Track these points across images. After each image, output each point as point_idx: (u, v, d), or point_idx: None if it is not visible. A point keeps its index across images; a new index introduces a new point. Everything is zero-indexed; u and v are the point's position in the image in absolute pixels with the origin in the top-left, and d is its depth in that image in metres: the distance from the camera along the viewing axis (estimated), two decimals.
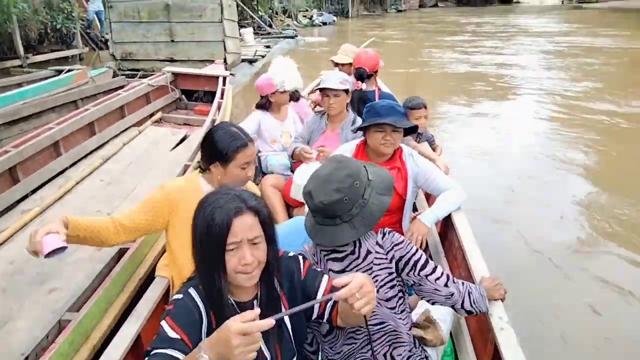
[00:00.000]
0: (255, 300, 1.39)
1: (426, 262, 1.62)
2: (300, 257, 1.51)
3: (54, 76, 6.96)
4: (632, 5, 38.44)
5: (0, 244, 2.90)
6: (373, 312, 1.51)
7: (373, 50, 3.79)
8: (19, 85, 6.60)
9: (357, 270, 1.58)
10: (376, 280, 1.58)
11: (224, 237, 1.23)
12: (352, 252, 1.61)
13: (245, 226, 1.24)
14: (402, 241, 1.63)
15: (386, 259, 1.60)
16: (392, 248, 1.61)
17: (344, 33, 21.67)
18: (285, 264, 1.46)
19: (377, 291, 1.57)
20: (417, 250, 1.63)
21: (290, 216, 3.08)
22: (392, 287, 1.60)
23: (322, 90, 3.10)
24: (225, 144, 1.91)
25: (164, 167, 4.20)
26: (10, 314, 2.33)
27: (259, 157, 3.59)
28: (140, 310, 1.82)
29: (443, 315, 1.90)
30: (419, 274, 1.59)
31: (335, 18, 27.38)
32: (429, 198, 3.09)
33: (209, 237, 1.24)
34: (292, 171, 3.35)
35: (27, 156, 3.63)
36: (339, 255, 1.62)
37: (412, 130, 2.48)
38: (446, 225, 2.63)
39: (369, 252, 1.60)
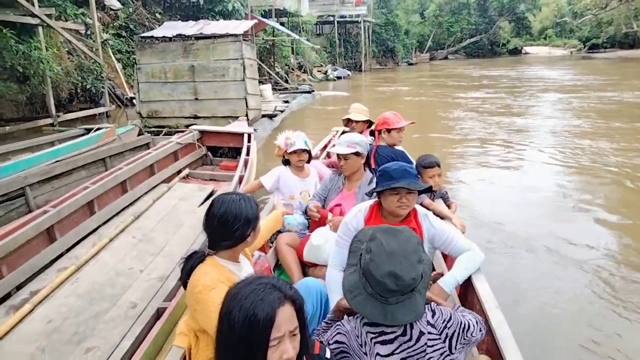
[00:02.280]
0: None
1: (473, 326, 1.61)
2: None
3: (84, 134, 7.28)
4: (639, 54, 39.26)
5: (37, 303, 2.97)
6: None
7: (391, 112, 3.80)
8: (51, 144, 6.88)
9: (407, 354, 1.51)
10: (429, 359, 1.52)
11: (268, 333, 1.14)
12: (404, 334, 1.52)
13: (287, 318, 1.17)
14: (451, 316, 1.57)
15: (440, 339, 1.54)
16: (445, 327, 1.55)
17: (358, 88, 22.24)
18: None
19: None
20: (462, 318, 1.59)
21: (305, 275, 3.02)
22: None
23: None
24: (253, 209, 1.87)
25: (192, 224, 4.31)
26: None
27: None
28: None
29: None
30: (468, 341, 1.58)
31: (349, 72, 28.24)
32: (446, 257, 3.07)
33: (251, 334, 1.14)
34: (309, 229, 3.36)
35: (64, 215, 3.77)
36: (388, 338, 1.52)
37: (426, 190, 2.49)
38: (465, 287, 2.55)
39: (421, 334, 1.52)
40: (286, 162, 3.63)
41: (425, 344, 1.52)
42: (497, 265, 4.21)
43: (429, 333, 1.53)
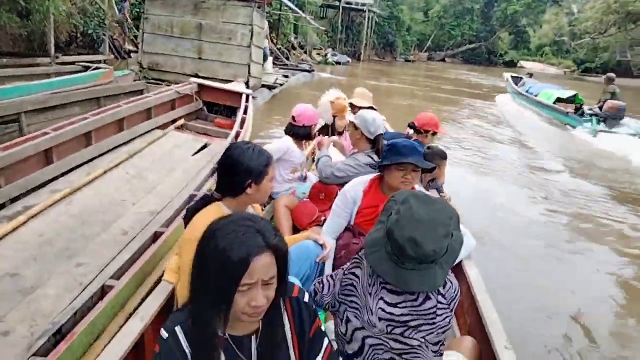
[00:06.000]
0: (254, 336, 1.28)
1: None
2: (313, 310, 1.39)
3: (81, 71, 7.17)
4: (630, 83, 40.37)
5: (31, 217, 2.99)
6: (417, 355, 1.54)
7: (432, 114, 3.87)
8: (47, 76, 6.77)
9: (410, 310, 1.53)
10: (434, 324, 1.54)
11: (239, 277, 1.10)
12: (412, 292, 1.53)
13: (263, 267, 1.12)
14: (457, 286, 1.62)
15: (448, 307, 1.57)
16: (455, 298, 1.59)
17: (356, 76, 22.22)
18: (302, 309, 1.35)
19: (429, 334, 1.55)
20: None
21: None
22: (444, 332, 1.58)
23: None
24: (258, 161, 1.85)
25: (185, 169, 4.35)
26: (39, 282, 2.41)
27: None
28: (142, 312, 1.82)
29: None
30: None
31: (349, 59, 28.22)
32: None
33: (221, 274, 1.11)
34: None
35: (62, 141, 3.78)
36: (396, 289, 1.53)
37: (428, 171, 2.52)
38: (455, 271, 2.57)
39: (427, 298, 1.54)
40: (296, 134, 3.45)
41: (435, 312, 1.53)
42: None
43: (439, 302, 1.54)
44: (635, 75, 46.94)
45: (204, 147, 5.16)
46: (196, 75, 9.24)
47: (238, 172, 1.83)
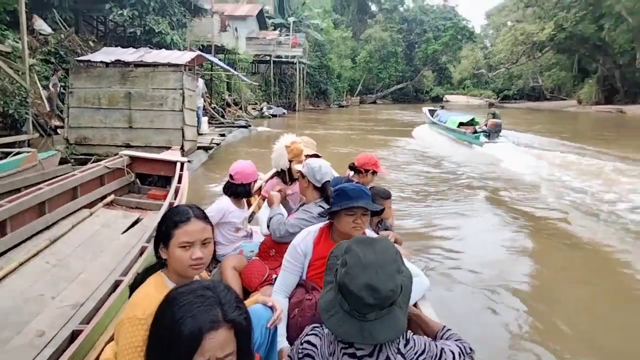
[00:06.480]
0: None
1: (456, 357, 1.57)
2: None
3: (1, 158, 6.70)
4: (544, 106, 44.71)
5: None
6: None
7: (371, 154, 3.93)
8: None
9: None
10: None
11: (190, 355, 1.01)
12: (371, 355, 1.43)
13: (217, 344, 1.02)
14: (425, 348, 1.52)
15: None
16: (419, 357, 1.49)
17: (293, 127, 22.59)
18: None
19: None
20: (441, 352, 1.55)
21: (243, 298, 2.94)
22: None
23: None
24: (167, 221, 1.70)
25: (114, 250, 4.06)
26: None
27: (215, 243, 3.45)
28: None
29: None
30: None
31: (285, 111, 28.74)
32: None
33: (170, 352, 1.02)
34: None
35: None
36: (358, 353, 1.44)
37: (377, 214, 2.48)
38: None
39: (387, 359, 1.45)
40: (234, 193, 3.35)
41: None
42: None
43: None
44: (548, 98, 51.53)
45: (136, 222, 4.89)
46: (128, 146, 8.95)
47: (157, 232, 1.73)
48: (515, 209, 7.37)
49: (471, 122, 14.68)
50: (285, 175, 3.91)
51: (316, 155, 3.98)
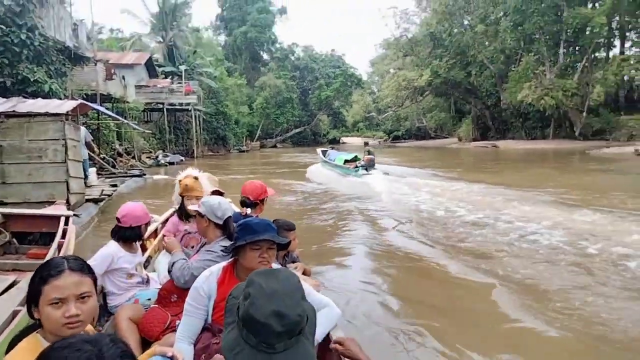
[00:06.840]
0: None
1: None
2: None
3: None
4: (429, 144, 49.37)
5: None
6: None
7: (259, 181, 3.92)
8: None
9: None
10: None
11: None
12: None
13: None
14: None
15: None
16: None
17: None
18: None
19: None
20: None
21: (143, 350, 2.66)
22: None
23: None
24: (36, 277, 1.56)
25: None
26: None
27: (106, 294, 3.19)
28: None
29: None
30: None
31: (182, 158, 27.89)
32: None
33: None
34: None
35: None
36: None
37: (283, 247, 2.45)
38: (323, 347, 2.43)
39: None
40: (123, 237, 3.22)
41: None
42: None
43: None
44: (432, 136, 56.82)
45: (12, 285, 4.36)
46: (1, 203, 8.04)
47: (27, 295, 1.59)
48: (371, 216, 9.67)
49: (354, 159, 17.77)
50: (181, 213, 3.80)
51: (219, 192, 3.91)
